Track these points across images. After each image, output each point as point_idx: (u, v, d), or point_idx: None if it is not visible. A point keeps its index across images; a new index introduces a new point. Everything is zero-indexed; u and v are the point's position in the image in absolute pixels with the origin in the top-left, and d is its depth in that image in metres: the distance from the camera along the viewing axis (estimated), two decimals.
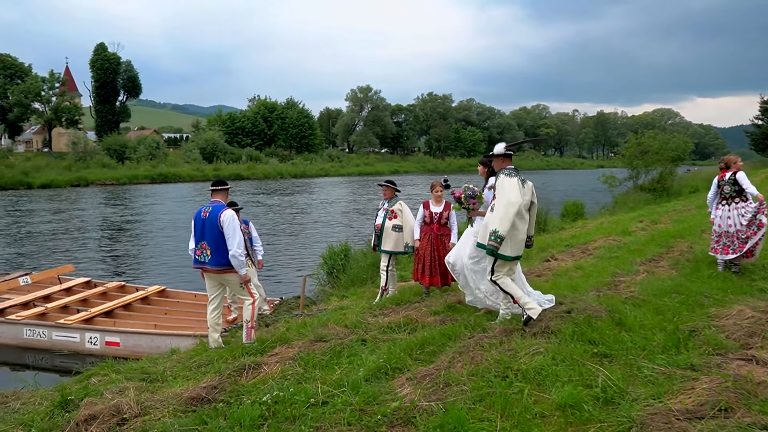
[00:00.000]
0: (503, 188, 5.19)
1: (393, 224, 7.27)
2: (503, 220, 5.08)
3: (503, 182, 5.22)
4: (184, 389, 4.10)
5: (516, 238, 5.24)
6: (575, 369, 3.90)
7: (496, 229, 5.09)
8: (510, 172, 5.31)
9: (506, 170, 5.34)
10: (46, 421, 3.89)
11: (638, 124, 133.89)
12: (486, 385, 3.70)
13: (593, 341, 4.44)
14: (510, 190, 5.14)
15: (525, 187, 5.34)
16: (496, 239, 5.08)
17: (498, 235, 5.05)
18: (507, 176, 5.26)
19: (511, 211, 5.08)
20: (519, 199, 5.13)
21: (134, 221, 23.74)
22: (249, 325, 5.98)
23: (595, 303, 5.57)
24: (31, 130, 79.27)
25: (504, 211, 5.09)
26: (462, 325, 5.24)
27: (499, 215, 5.12)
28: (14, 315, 8.44)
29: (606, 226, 14.39)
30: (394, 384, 3.92)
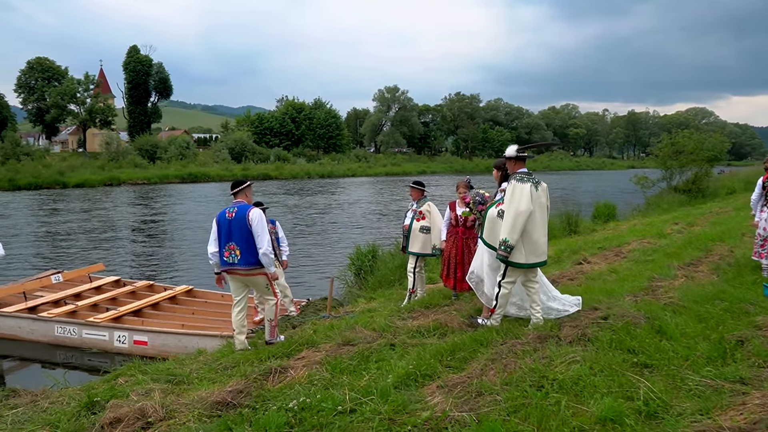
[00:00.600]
0: (513, 195, 5.09)
1: (421, 225, 7.13)
2: (513, 230, 5.02)
3: (514, 189, 5.11)
4: (210, 393, 4.03)
5: (531, 243, 5.14)
6: (614, 380, 3.71)
7: (506, 238, 5.03)
8: (522, 177, 5.18)
9: (518, 175, 5.21)
10: (73, 423, 3.86)
11: (671, 124, 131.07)
12: (521, 395, 3.53)
13: (632, 350, 4.23)
14: (520, 197, 5.05)
15: (539, 190, 5.23)
16: (505, 249, 5.05)
17: (508, 245, 5.03)
18: (519, 182, 5.14)
19: (520, 220, 5.01)
20: (529, 207, 5.02)
21: (164, 220, 24.06)
22: (272, 324, 5.96)
23: (632, 309, 5.35)
24: (66, 130, 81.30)
25: (513, 220, 5.03)
26: (494, 330, 5.07)
27: (508, 224, 5.05)
28: (46, 312, 8.54)
29: (639, 228, 14.00)
30: (424, 392, 3.78)
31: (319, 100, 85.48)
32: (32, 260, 15.10)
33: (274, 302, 5.99)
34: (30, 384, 6.48)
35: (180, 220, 24.19)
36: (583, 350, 4.27)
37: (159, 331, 7.74)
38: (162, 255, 16.40)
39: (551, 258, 10.23)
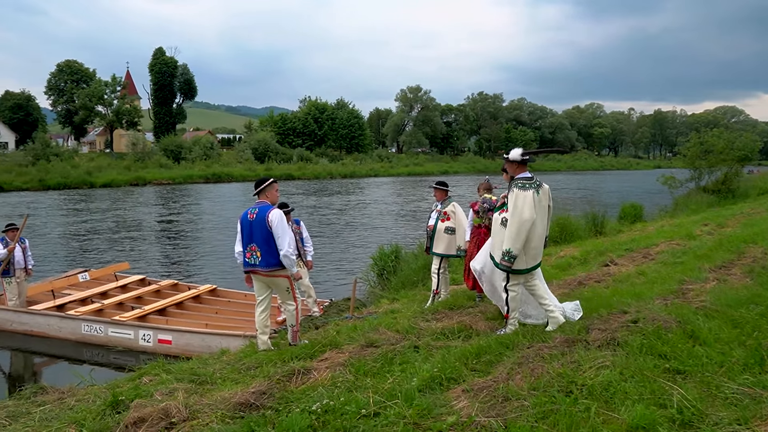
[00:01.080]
0: (516, 203, 4.98)
1: (445, 226, 7.06)
2: (516, 239, 4.93)
3: (517, 197, 5.00)
4: (233, 393, 4.01)
5: (531, 249, 5.08)
6: (646, 386, 3.59)
7: (510, 248, 4.95)
8: (524, 184, 5.06)
9: (520, 182, 5.09)
10: (98, 421, 3.88)
11: (699, 123, 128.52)
12: (549, 401, 3.44)
13: (664, 355, 4.10)
14: (524, 205, 4.96)
15: (541, 194, 5.13)
16: (509, 259, 4.97)
17: (511, 255, 4.95)
18: (521, 189, 5.02)
19: (525, 228, 4.93)
20: (533, 215, 4.94)
21: (188, 220, 24.32)
22: (294, 329, 5.97)
23: (663, 313, 5.19)
24: (94, 131, 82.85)
25: (517, 230, 4.93)
26: (519, 333, 4.98)
27: (512, 234, 4.95)
28: (73, 310, 8.68)
29: (667, 229, 13.71)
30: (449, 396, 3.71)
31: (341, 101, 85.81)
32: (61, 259, 15.38)
33: (294, 308, 5.98)
34: (58, 381, 6.58)
35: (204, 219, 24.44)
36: (613, 355, 4.15)
37: (183, 331, 7.79)
38: (186, 254, 16.56)
39: (577, 259, 10.09)
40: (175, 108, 76.51)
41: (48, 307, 8.89)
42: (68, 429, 3.83)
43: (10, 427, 4.12)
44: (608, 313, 5.27)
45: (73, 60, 72.36)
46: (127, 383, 5.01)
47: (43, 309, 8.80)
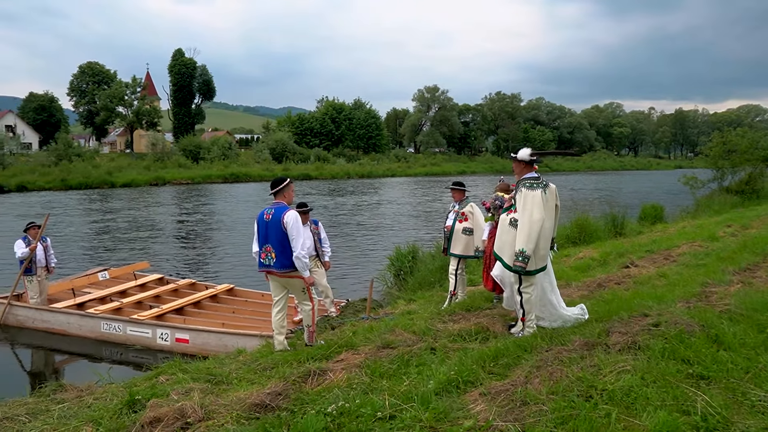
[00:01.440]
0: (526, 204, 4.97)
1: (463, 227, 6.99)
2: (529, 239, 4.91)
3: (525, 197, 4.99)
4: (248, 394, 4.00)
5: (540, 250, 5.07)
6: (669, 392, 3.50)
7: (523, 249, 4.93)
8: (532, 184, 5.05)
9: (527, 182, 5.08)
10: (114, 420, 3.90)
11: (721, 122, 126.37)
12: (568, 405, 3.37)
13: (687, 360, 4.00)
14: (533, 205, 4.95)
15: (548, 193, 5.09)
16: (523, 260, 4.94)
17: (525, 255, 4.93)
18: (529, 189, 5.01)
19: (536, 228, 4.92)
20: (542, 215, 4.94)
21: (206, 219, 24.51)
22: (310, 330, 5.95)
23: (685, 316, 5.08)
24: (115, 132, 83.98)
25: (528, 230, 4.92)
26: (538, 336, 4.91)
27: (524, 234, 4.93)
28: (93, 309, 8.77)
29: (689, 230, 13.47)
30: (466, 399, 3.66)
31: (358, 101, 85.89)
32: (81, 258, 15.58)
33: (310, 308, 5.96)
34: (77, 378, 6.65)
35: (222, 219, 24.60)
36: (634, 359, 4.06)
37: (200, 330, 7.82)
38: (204, 253, 16.68)
39: (596, 261, 9.95)
40: (194, 108, 77.24)
41: (68, 306, 9.00)
42: (85, 427, 3.85)
43: (29, 424, 4.15)
44: (629, 316, 5.17)
45: (94, 62, 73.53)
46: (144, 382, 5.03)
47: (64, 307, 8.91)
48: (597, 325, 5.01)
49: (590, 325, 5.10)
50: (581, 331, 4.95)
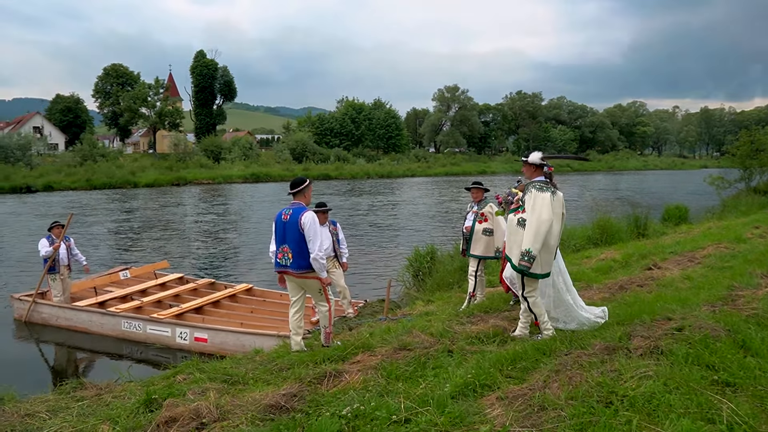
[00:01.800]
0: (535, 204, 5.00)
1: (483, 228, 6.92)
2: (535, 240, 4.92)
3: (535, 198, 5.03)
4: (264, 395, 3.99)
5: (547, 254, 5.09)
6: (692, 399, 3.40)
7: (529, 249, 4.94)
8: (541, 186, 5.09)
9: (537, 184, 5.12)
10: (131, 419, 3.92)
11: (749, 121, 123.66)
12: (587, 411, 3.29)
13: (712, 366, 3.89)
14: (542, 206, 4.98)
15: (555, 200, 5.08)
16: (529, 259, 4.95)
17: (531, 255, 4.94)
18: (539, 191, 5.05)
19: (543, 229, 4.93)
20: (551, 216, 4.97)
21: (226, 219, 24.71)
22: (327, 331, 5.93)
23: (710, 320, 4.95)
24: (138, 133, 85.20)
25: (536, 230, 4.93)
26: (557, 339, 4.82)
27: (531, 234, 4.94)
28: (114, 307, 8.87)
29: (715, 231, 13.17)
30: (483, 403, 3.60)
31: (378, 101, 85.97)
32: (104, 256, 15.80)
33: (327, 309, 5.95)
34: (98, 376, 6.73)
35: (242, 219, 24.79)
36: (656, 364, 3.96)
37: (218, 329, 7.86)
38: (223, 253, 16.80)
39: (618, 262, 9.77)
40: (215, 109, 77.99)
41: (90, 304, 9.12)
42: (102, 426, 3.87)
43: (49, 421, 4.20)
44: (651, 320, 5.05)
45: (119, 64, 74.65)
46: (162, 381, 5.06)
47: (86, 305, 9.03)
48: (618, 329, 4.90)
49: (611, 328, 4.99)
50: (602, 334, 4.85)
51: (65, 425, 4.03)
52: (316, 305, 6.09)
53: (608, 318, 5.49)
